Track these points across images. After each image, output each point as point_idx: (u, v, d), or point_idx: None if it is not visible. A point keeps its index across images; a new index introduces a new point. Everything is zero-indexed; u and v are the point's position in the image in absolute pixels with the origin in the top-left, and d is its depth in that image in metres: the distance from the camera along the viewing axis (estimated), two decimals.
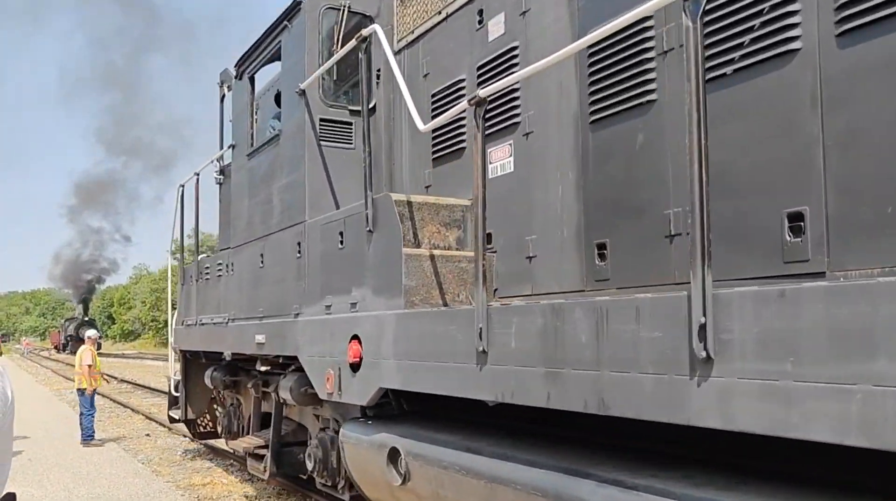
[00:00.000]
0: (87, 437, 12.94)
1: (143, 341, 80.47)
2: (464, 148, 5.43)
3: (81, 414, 13.06)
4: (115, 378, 27.74)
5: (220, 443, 11.12)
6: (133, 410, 18.72)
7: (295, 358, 6.50)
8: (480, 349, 3.84)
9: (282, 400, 6.96)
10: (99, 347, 14.42)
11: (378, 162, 6.44)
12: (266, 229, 7.00)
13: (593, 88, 4.22)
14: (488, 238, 5.16)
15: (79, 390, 13.34)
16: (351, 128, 6.40)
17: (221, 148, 8.87)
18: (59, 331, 70.42)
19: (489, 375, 3.82)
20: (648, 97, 3.88)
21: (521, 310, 3.64)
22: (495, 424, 4.77)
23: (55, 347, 68.49)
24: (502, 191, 4.99)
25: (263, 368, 7.37)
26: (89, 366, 13.26)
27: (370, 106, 6.45)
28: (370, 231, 5.14)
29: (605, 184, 4.18)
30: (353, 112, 6.44)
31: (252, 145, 7.55)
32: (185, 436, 13.38)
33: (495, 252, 5.08)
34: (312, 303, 6.02)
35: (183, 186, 9.90)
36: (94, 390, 13.31)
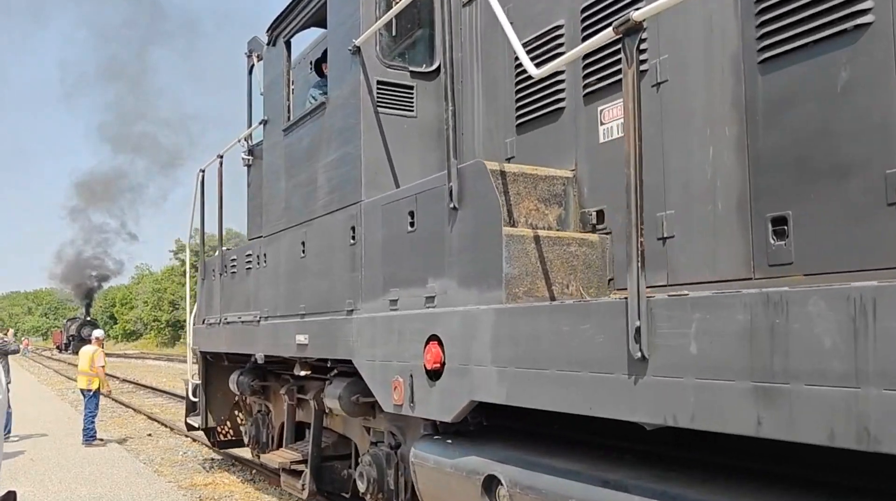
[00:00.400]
0: (89, 437, 12.68)
1: (145, 341, 79.52)
2: (562, 108, 4.42)
3: (85, 414, 12.79)
4: (118, 378, 27.67)
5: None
6: (135, 410, 18.48)
7: (345, 362, 5.52)
8: (637, 355, 2.85)
9: (326, 410, 5.96)
10: (101, 346, 13.76)
11: (446, 132, 5.43)
12: (309, 213, 6.00)
13: (767, 16, 3.21)
14: (599, 216, 4.16)
15: (83, 390, 13.04)
16: (412, 93, 5.39)
17: (250, 125, 7.82)
18: (61, 331, 69.20)
19: (650, 390, 2.83)
20: (859, 20, 2.89)
21: (707, 303, 2.65)
22: (597, 443, 3.80)
23: (57, 347, 67.30)
24: (618, 158, 4.00)
25: (303, 372, 6.36)
26: (101, 367, 12.99)
27: (436, 65, 5.45)
28: (454, 208, 4.13)
29: (785, 141, 3.18)
30: (414, 74, 5.43)
31: (289, 119, 6.53)
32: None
33: (609, 233, 4.08)
34: (371, 298, 5.01)
35: (203, 171, 8.88)
36: (98, 390, 13.07)
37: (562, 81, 4.41)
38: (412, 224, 4.57)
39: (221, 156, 8.18)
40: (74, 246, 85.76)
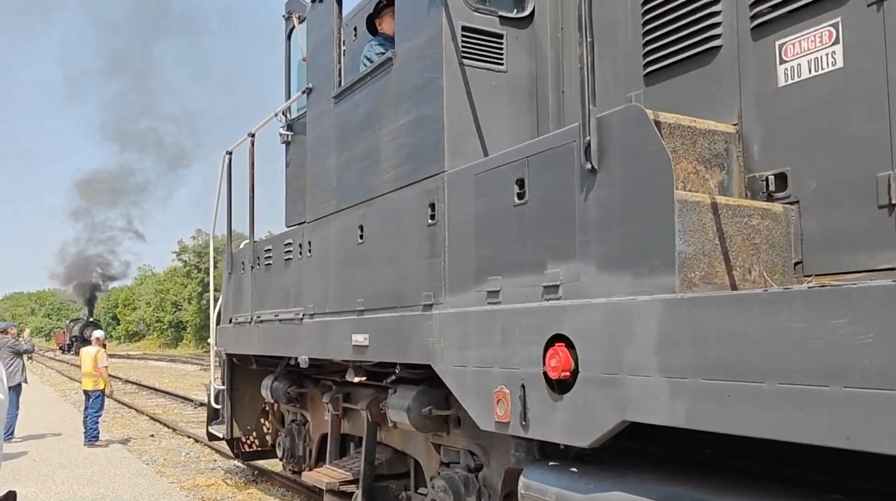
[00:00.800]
0: (92, 438, 12.40)
1: (148, 342, 78.40)
2: (717, 46, 3.43)
3: (86, 414, 12.51)
4: (120, 379, 27.23)
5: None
6: (138, 411, 18.15)
7: (413, 368, 4.54)
8: None
9: (390, 423, 4.96)
10: (103, 347, 13.38)
11: (542, 91, 4.45)
12: (368, 191, 5.00)
13: None
14: (778, 182, 3.17)
15: (87, 392, 12.74)
16: (501, 43, 4.39)
17: (289, 96, 6.80)
18: (64, 332, 67.90)
19: None
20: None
21: None
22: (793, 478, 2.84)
23: (60, 348, 66.02)
24: (809, 104, 3.02)
25: (357, 379, 5.36)
26: (104, 368, 12.74)
27: (530, 10, 4.47)
28: (591, 170, 3.14)
29: None
30: (504, 20, 4.44)
31: (340, 84, 5.53)
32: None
33: (796, 202, 3.10)
34: (460, 289, 4.02)
35: (230, 153, 7.86)
36: (102, 390, 12.77)
37: (716, 13, 3.42)
38: (521, 195, 3.58)
39: (253, 135, 7.16)
40: (77, 244, 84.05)
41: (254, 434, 8.32)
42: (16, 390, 12.58)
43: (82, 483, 9.47)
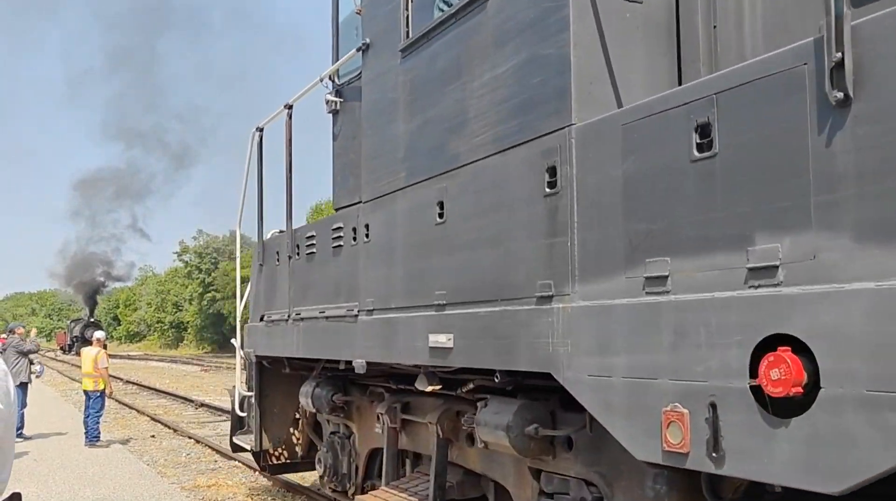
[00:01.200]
0: (93, 438, 12.33)
1: (149, 342, 77.38)
2: None
3: (87, 415, 12.41)
4: (121, 379, 26.87)
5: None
6: (138, 411, 17.91)
7: (511, 375, 3.59)
8: None
9: (482, 443, 3.97)
10: (104, 348, 13.23)
11: (689, 27, 3.48)
12: (451, 159, 4.02)
13: None
14: None
15: (87, 392, 12.62)
16: None
17: (337, 57, 5.74)
18: (65, 332, 66.70)
19: None
20: None
21: None
22: None
23: (61, 348, 64.82)
24: None
25: (431, 388, 4.39)
26: (105, 368, 12.61)
27: None
28: (844, 99, 2.17)
29: None
30: None
31: (409, 35, 4.56)
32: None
33: None
34: (598, 276, 3.04)
35: (261, 129, 6.85)
36: (102, 391, 12.66)
37: None
38: (704, 146, 2.61)
39: (290, 106, 6.16)
40: (79, 243, 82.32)
41: (282, 445, 7.34)
42: (21, 388, 12.68)
43: (83, 483, 9.42)
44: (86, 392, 12.66)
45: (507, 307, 3.50)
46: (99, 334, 13.82)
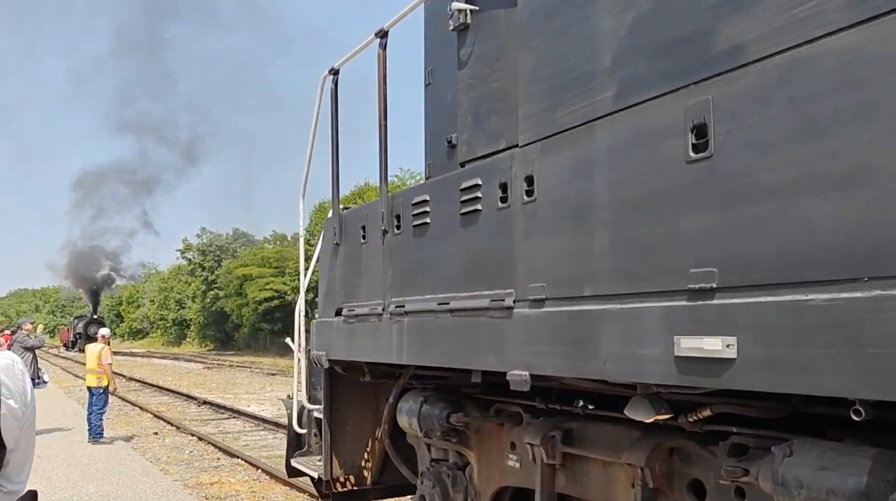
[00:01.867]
0: (96, 435, 12.33)
1: (152, 339, 77.32)
2: None
3: (90, 411, 12.43)
4: (124, 376, 26.74)
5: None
6: (142, 408, 17.88)
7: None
8: None
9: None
10: (108, 345, 13.14)
11: None
12: (717, 59, 2.44)
13: None
14: None
15: (90, 388, 12.56)
16: None
17: None
18: (68, 329, 66.61)
19: None
20: None
21: None
22: None
23: (64, 345, 64.70)
24: None
25: (654, 418, 2.90)
26: (109, 365, 12.59)
27: None
28: None
29: None
30: None
31: None
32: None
33: None
34: None
35: (336, 72, 5.29)
36: (107, 388, 12.67)
37: None
38: None
39: (384, 34, 4.66)
40: (84, 237, 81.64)
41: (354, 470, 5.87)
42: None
43: (87, 479, 9.34)
44: (89, 388, 12.60)
45: (889, 291, 1.90)
46: (104, 331, 13.80)
